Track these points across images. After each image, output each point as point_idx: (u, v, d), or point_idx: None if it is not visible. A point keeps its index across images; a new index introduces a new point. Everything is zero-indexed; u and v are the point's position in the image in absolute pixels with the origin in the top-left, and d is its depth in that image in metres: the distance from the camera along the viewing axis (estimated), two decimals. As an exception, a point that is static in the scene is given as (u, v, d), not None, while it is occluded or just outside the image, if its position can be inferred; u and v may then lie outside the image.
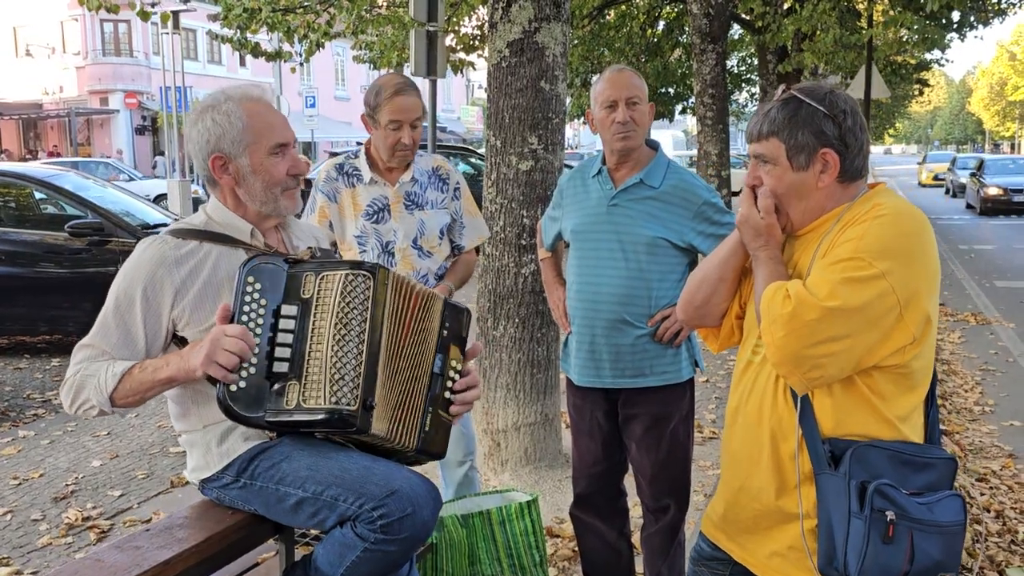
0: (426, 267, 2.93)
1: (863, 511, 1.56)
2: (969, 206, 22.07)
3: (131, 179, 20.56)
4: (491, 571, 2.63)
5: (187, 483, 2.08)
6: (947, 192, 28.00)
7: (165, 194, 19.08)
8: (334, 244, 2.93)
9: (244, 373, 1.79)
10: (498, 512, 2.67)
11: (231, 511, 1.98)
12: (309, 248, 2.07)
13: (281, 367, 1.81)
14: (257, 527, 1.97)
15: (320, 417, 1.78)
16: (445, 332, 2.03)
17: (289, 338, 1.82)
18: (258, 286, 1.84)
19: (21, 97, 31.22)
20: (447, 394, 2.03)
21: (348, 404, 1.77)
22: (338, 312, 1.81)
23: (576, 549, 2.91)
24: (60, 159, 23.98)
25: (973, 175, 21.75)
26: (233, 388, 1.78)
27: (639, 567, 2.83)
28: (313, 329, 1.81)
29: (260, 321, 1.82)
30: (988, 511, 3.95)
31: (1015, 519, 3.88)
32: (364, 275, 1.84)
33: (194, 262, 1.94)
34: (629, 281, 2.48)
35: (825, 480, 1.62)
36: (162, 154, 26.47)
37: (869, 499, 1.56)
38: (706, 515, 1.94)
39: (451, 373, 2.04)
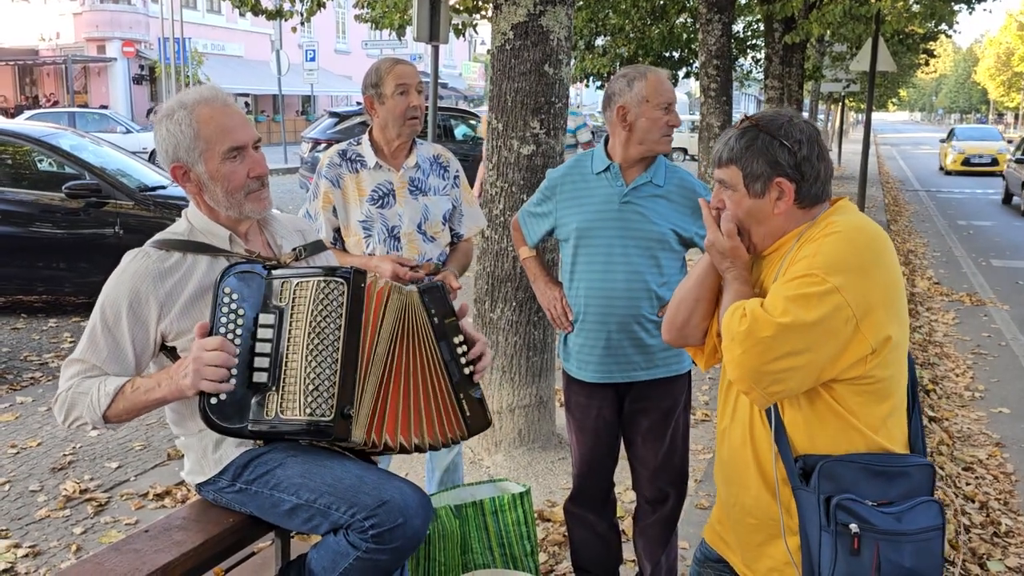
0: (431, 252, 2.95)
1: (830, 525, 1.61)
2: None
3: (128, 131, 20.34)
4: (483, 560, 2.67)
5: (183, 455, 2.11)
6: (1006, 200, 16.70)
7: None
8: (337, 230, 2.94)
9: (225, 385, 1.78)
10: (491, 502, 2.70)
11: (228, 512, 2.00)
12: (294, 249, 2.04)
13: (260, 377, 1.79)
14: (254, 528, 2.00)
15: (298, 428, 1.77)
16: (435, 319, 2.00)
17: (268, 347, 1.80)
18: (235, 296, 1.82)
19: (17, 42, 30.72)
20: (466, 370, 2.03)
21: (323, 415, 1.75)
22: (311, 320, 1.78)
23: (567, 534, 2.96)
24: (57, 109, 23.73)
25: None
26: (213, 400, 1.78)
27: (626, 554, 2.89)
28: (289, 338, 1.79)
29: (239, 332, 1.81)
30: (972, 501, 3.99)
31: (999, 510, 3.92)
32: (337, 281, 1.80)
33: (179, 275, 1.93)
34: (643, 276, 2.52)
35: (800, 496, 1.67)
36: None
37: (832, 513, 1.61)
38: (709, 524, 2.00)
39: (459, 351, 2.03)
